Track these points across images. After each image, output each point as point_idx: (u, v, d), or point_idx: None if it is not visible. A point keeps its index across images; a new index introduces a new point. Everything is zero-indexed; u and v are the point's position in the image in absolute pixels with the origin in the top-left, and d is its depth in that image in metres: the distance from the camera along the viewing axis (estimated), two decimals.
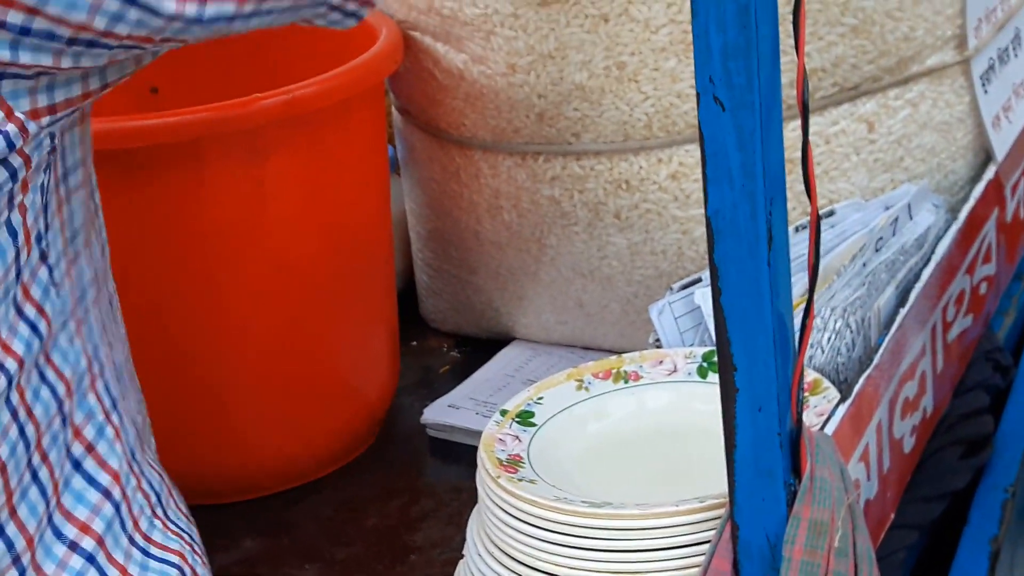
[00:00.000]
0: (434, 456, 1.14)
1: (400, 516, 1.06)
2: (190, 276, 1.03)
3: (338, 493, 1.10)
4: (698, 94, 0.64)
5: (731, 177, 0.64)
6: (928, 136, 1.10)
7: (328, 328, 1.08)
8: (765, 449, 0.69)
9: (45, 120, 0.68)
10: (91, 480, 0.76)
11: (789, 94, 0.68)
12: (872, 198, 1.07)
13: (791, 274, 0.69)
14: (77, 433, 0.76)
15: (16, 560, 0.71)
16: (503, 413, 0.89)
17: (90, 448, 0.77)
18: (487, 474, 0.82)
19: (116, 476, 0.77)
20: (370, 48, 1.07)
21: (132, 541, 0.77)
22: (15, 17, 0.64)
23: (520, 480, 0.81)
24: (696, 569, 0.74)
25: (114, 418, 0.78)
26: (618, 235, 1.10)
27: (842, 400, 0.82)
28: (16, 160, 0.68)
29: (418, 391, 1.20)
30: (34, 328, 0.72)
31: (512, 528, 0.79)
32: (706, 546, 0.74)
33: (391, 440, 1.16)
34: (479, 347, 1.24)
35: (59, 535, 0.74)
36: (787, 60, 0.65)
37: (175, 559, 0.79)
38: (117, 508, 0.77)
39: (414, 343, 1.27)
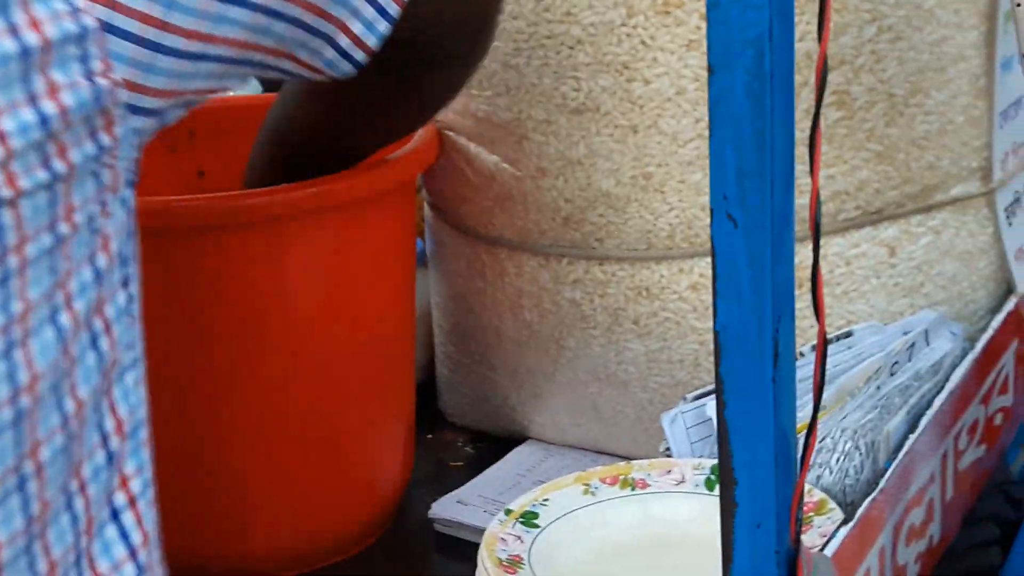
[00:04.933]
0: (440, 552, 1.14)
1: None
2: (207, 361, 1.03)
3: None
4: (712, 210, 0.65)
5: (740, 293, 0.65)
6: (949, 264, 1.11)
7: (344, 419, 1.08)
8: (762, 566, 0.69)
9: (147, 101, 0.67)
10: (124, 535, 0.71)
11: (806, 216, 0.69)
12: (891, 322, 1.08)
13: (797, 392, 0.69)
14: (124, 482, 0.71)
15: None
16: (507, 512, 0.89)
17: (132, 502, 0.72)
18: (485, 573, 0.82)
19: (146, 539, 0.72)
20: (406, 144, 1.09)
21: None
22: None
23: None
24: None
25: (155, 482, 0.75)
26: (636, 341, 1.11)
27: (845, 522, 0.82)
28: (104, 138, 0.66)
29: (430, 484, 1.20)
30: (94, 343, 0.68)
31: None
32: None
33: (399, 532, 1.16)
34: (494, 444, 1.24)
35: None
36: (807, 182, 0.66)
37: None
38: (139, 572, 0.72)
39: (430, 436, 1.27)
